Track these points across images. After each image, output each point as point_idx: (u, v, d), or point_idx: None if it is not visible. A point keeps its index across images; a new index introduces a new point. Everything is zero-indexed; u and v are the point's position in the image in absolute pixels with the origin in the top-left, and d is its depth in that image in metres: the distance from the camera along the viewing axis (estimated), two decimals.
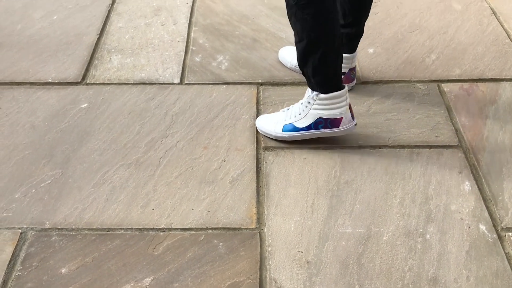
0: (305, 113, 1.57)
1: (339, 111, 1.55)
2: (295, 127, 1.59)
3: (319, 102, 1.55)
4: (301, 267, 1.32)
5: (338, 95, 1.54)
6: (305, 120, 1.57)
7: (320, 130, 1.58)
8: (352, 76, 1.79)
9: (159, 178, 1.55)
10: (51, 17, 2.22)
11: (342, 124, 1.57)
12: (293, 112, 1.61)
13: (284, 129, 1.61)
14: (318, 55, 1.48)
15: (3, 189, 1.52)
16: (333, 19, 1.48)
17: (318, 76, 1.52)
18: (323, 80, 1.53)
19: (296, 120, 1.59)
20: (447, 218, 1.42)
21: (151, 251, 1.36)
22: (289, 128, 1.60)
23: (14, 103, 1.81)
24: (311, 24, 1.45)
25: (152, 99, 1.81)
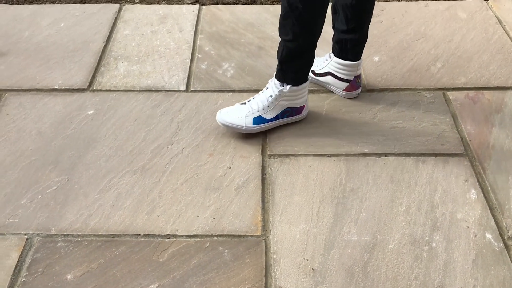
0: (274, 105, 1.66)
1: (304, 99, 1.70)
2: (264, 119, 1.67)
3: (288, 94, 1.65)
4: (307, 275, 1.32)
5: (305, 85, 1.66)
6: (273, 111, 1.67)
7: (286, 119, 1.71)
8: (358, 83, 1.80)
9: (164, 184, 1.55)
10: (58, 25, 2.23)
11: (304, 110, 1.72)
12: (259, 105, 1.67)
13: (254, 122, 1.66)
14: (307, 55, 1.60)
15: (10, 195, 1.52)
16: (323, 21, 1.56)
17: (300, 73, 1.63)
18: (301, 76, 1.64)
19: (265, 112, 1.67)
20: (453, 227, 1.42)
21: (156, 257, 1.36)
22: (259, 120, 1.67)
23: (21, 109, 1.82)
24: (311, 27, 1.52)
25: (158, 106, 1.82)
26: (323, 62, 1.82)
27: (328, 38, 1.81)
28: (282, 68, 1.62)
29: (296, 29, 1.51)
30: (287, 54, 1.58)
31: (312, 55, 1.62)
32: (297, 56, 1.58)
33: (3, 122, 1.76)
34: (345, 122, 1.73)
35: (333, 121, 1.74)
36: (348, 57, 1.74)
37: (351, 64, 1.74)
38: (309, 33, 1.54)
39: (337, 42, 1.75)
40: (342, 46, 1.73)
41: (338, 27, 1.72)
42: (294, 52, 1.57)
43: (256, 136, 1.69)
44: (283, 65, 1.61)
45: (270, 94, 1.66)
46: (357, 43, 1.73)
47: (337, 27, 1.73)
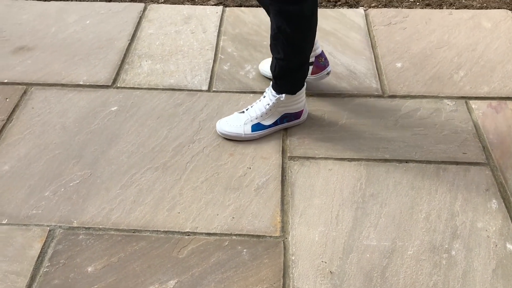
0: (271, 112, 1.68)
1: (302, 104, 1.71)
2: (263, 126, 1.70)
3: (285, 102, 1.66)
4: (325, 278, 1.32)
5: (301, 91, 1.67)
6: (272, 118, 1.69)
7: (285, 124, 1.72)
8: (322, 63, 1.80)
9: (185, 182, 1.56)
10: (84, 22, 2.27)
11: (302, 115, 1.73)
12: (257, 112, 1.69)
13: (253, 129, 1.69)
14: (301, 70, 1.62)
15: (34, 187, 1.55)
16: (313, 39, 1.60)
17: (295, 85, 1.64)
18: (297, 86, 1.65)
19: (263, 119, 1.69)
20: (473, 235, 1.41)
21: (176, 254, 1.37)
22: (257, 127, 1.69)
23: (46, 104, 1.85)
24: (302, 47, 1.56)
25: (180, 105, 1.84)
26: None
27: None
28: (277, 83, 1.64)
29: (287, 49, 1.53)
30: (280, 71, 1.59)
31: (306, 68, 1.63)
32: (291, 72, 1.60)
33: (29, 116, 1.80)
34: (366, 127, 1.73)
35: (354, 126, 1.74)
36: None
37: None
38: (299, 52, 1.56)
39: None
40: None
41: None
42: (287, 69, 1.59)
43: (277, 138, 1.70)
44: (278, 80, 1.63)
45: (267, 102, 1.68)
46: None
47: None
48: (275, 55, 1.58)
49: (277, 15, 1.47)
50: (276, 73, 1.61)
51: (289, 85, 1.64)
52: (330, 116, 1.78)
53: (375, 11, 2.32)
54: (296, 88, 1.65)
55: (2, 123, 1.77)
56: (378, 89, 1.89)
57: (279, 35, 1.50)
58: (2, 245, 1.39)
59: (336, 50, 2.08)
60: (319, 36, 2.14)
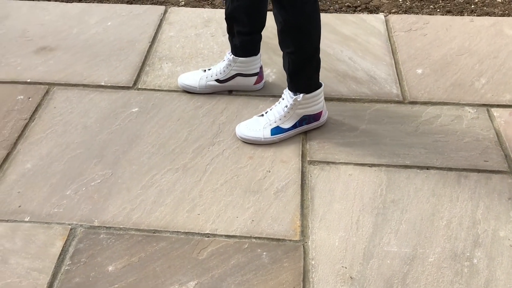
0: (290, 115, 1.68)
1: (320, 105, 1.70)
2: (282, 129, 1.69)
3: (303, 102, 1.66)
4: (345, 283, 1.31)
5: (319, 91, 1.67)
6: (290, 120, 1.69)
7: (305, 126, 1.72)
8: (262, 72, 1.90)
9: (205, 184, 1.57)
10: (106, 23, 2.29)
11: (322, 116, 1.72)
12: (276, 115, 1.70)
13: (272, 133, 1.69)
14: (314, 61, 1.62)
15: (55, 185, 1.57)
16: (320, 27, 1.61)
17: (311, 80, 1.65)
18: (313, 83, 1.66)
19: (282, 122, 1.69)
20: (495, 244, 1.40)
21: (196, 255, 1.38)
22: (277, 131, 1.69)
23: (68, 104, 1.87)
24: (311, 37, 1.57)
25: (200, 107, 1.85)
26: (226, 68, 1.84)
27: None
28: (292, 80, 1.65)
29: (296, 41, 1.55)
30: (293, 65, 1.60)
31: (318, 59, 1.64)
32: (304, 65, 1.61)
33: (51, 115, 1.82)
34: (387, 133, 1.73)
35: (374, 131, 1.73)
36: (253, 52, 1.81)
37: (254, 58, 1.82)
38: (309, 42, 1.57)
39: (241, 44, 1.79)
40: (247, 46, 1.80)
41: (239, 30, 1.76)
42: (300, 62, 1.60)
43: (296, 142, 1.70)
44: (293, 76, 1.64)
45: (285, 104, 1.68)
46: (260, 39, 1.82)
47: (238, 30, 1.76)
48: (286, 50, 1.59)
49: (281, 9, 1.49)
50: (290, 69, 1.62)
51: (304, 81, 1.64)
52: (350, 121, 1.77)
53: (395, 17, 2.32)
54: (312, 86, 1.66)
55: (24, 122, 1.79)
56: (399, 95, 1.88)
57: (286, 28, 1.52)
58: (25, 242, 1.40)
59: (356, 55, 2.08)
60: (339, 41, 2.15)
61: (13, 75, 2.00)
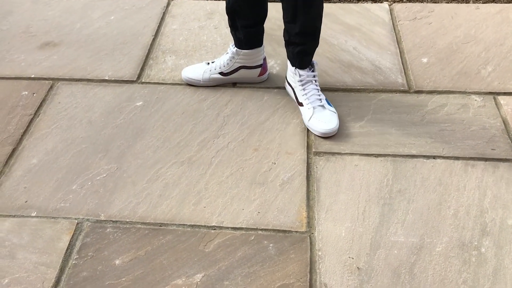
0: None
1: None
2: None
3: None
4: (352, 273, 1.31)
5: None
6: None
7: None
8: (265, 64, 1.90)
9: (210, 177, 1.57)
10: (109, 17, 2.29)
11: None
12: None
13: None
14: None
15: (61, 180, 1.57)
16: None
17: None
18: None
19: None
20: (503, 233, 1.39)
21: (202, 247, 1.38)
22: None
23: (72, 99, 1.87)
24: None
25: (204, 100, 1.84)
26: (230, 61, 1.84)
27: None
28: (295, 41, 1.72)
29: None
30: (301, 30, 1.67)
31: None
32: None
33: (56, 110, 1.82)
34: (393, 123, 1.71)
35: (380, 121, 1.72)
36: (257, 44, 1.81)
37: (261, 49, 1.82)
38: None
39: (246, 37, 1.77)
40: (252, 39, 1.78)
41: (243, 24, 1.74)
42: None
43: (301, 133, 1.70)
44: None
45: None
46: (263, 30, 1.81)
47: (241, 24, 1.74)
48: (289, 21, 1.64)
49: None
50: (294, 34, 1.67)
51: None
52: (355, 111, 1.76)
53: (399, 5, 2.29)
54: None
55: (29, 117, 1.79)
56: (404, 84, 1.87)
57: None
58: (32, 237, 1.41)
59: (360, 45, 2.06)
60: (343, 31, 2.13)
61: (17, 71, 2.00)
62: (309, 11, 1.59)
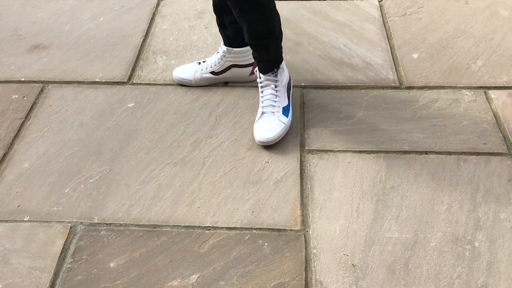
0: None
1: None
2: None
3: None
4: (347, 271, 1.31)
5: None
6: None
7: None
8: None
9: (204, 177, 1.56)
10: (98, 19, 2.27)
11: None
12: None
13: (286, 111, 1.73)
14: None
15: (54, 184, 1.56)
16: None
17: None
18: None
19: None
20: (496, 226, 1.40)
21: (197, 248, 1.38)
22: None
23: (63, 101, 1.86)
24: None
25: (196, 100, 1.84)
26: (221, 60, 1.82)
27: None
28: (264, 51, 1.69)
29: (275, 20, 1.63)
30: (275, 44, 1.66)
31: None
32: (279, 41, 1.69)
33: (47, 113, 1.81)
34: (385, 119, 1.72)
35: (372, 118, 1.73)
36: (242, 44, 1.78)
37: (247, 49, 1.79)
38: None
39: (235, 34, 1.74)
40: (241, 35, 1.67)
41: (231, 20, 1.70)
42: (278, 38, 1.67)
43: (294, 132, 1.70)
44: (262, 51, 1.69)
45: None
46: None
47: (229, 21, 1.71)
48: (260, 35, 1.59)
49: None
50: (260, 47, 1.64)
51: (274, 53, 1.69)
52: (347, 108, 1.77)
53: (389, 2, 2.30)
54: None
55: (20, 121, 1.78)
56: (395, 80, 1.88)
57: (266, 11, 1.54)
58: (25, 242, 1.40)
59: (351, 42, 2.06)
60: (334, 28, 2.13)
61: (7, 74, 1.98)
62: (249, 18, 1.56)
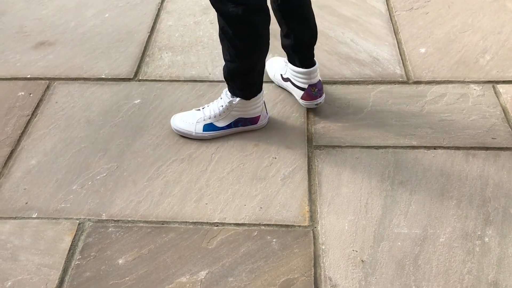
0: (225, 114, 1.62)
1: (258, 110, 1.63)
2: (216, 127, 1.64)
3: (239, 106, 1.60)
4: (356, 266, 1.31)
5: (256, 98, 1.59)
6: (225, 120, 1.63)
7: (240, 128, 1.66)
8: (314, 93, 1.67)
9: (211, 173, 1.56)
10: (103, 15, 2.27)
11: (260, 120, 1.65)
12: (211, 112, 1.63)
13: (205, 129, 1.64)
14: (250, 76, 1.54)
15: (61, 181, 1.56)
16: (260, 49, 1.49)
17: (246, 91, 1.58)
18: (249, 92, 1.58)
19: (216, 121, 1.63)
20: (506, 221, 1.39)
21: (206, 245, 1.37)
22: (209, 128, 1.64)
23: (70, 98, 1.86)
24: (246, 52, 1.47)
25: (202, 96, 1.83)
26: (285, 66, 1.75)
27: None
28: (228, 84, 1.59)
29: (232, 51, 1.46)
30: (228, 73, 1.53)
31: (255, 76, 1.55)
32: (238, 76, 1.53)
33: (53, 110, 1.81)
34: (392, 114, 1.71)
35: (379, 113, 1.72)
36: (296, 63, 1.66)
37: (301, 71, 1.65)
38: (245, 57, 1.48)
39: (283, 47, 1.68)
40: (287, 51, 1.67)
41: (281, 32, 1.65)
42: (235, 72, 1.52)
43: (301, 127, 1.69)
44: (228, 82, 1.58)
45: (221, 104, 1.61)
46: (294, 49, 1.63)
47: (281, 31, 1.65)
48: (223, 56, 1.51)
49: (218, 16, 1.42)
50: (225, 74, 1.55)
51: (239, 89, 1.57)
52: (354, 103, 1.76)
53: None
54: (250, 94, 1.57)
55: (27, 118, 1.78)
56: (403, 75, 1.86)
57: (223, 35, 1.44)
58: (34, 239, 1.40)
59: (358, 37, 2.05)
60: (340, 23, 2.12)
61: (13, 71, 1.98)
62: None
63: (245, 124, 1.65)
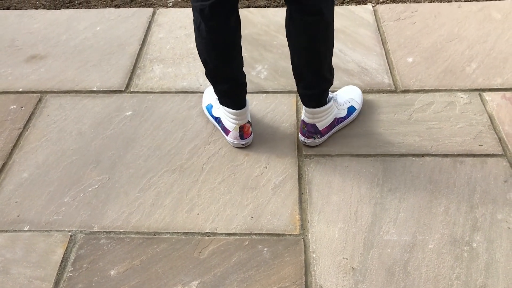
0: (217, 107, 1.71)
1: (229, 125, 1.65)
2: (211, 113, 1.75)
3: (219, 107, 1.69)
4: (347, 274, 1.32)
5: (228, 111, 1.62)
6: (217, 111, 1.71)
7: (219, 127, 1.73)
8: (303, 130, 1.63)
9: (202, 184, 1.57)
10: (95, 28, 2.29)
11: (229, 136, 1.67)
12: (211, 97, 1.77)
13: (207, 107, 1.77)
14: (213, 83, 1.61)
15: (53, 193, 1.56)
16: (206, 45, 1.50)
17: (221, 98, 1.65)
18: (219, 98, 1.65)
19: (215, 108, 1.73)
20: (493, 227, 1.41)
21: (197, 255, 1.38)
22: (209, 109, 1.76)
23: (61, 111, 1.87)
24: (205, 61, 1.54)
25: (194, 107, 1.85)
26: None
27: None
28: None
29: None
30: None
31: (217, 85, 1.59)
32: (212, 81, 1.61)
33: (45, 123, 1.82)
34: (381, 123, 1.73)
35: (368, 122, 1.74)
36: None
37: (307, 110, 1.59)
38: (205, 66, 1.55)
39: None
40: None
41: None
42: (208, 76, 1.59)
43: (291, 137, 1.71)
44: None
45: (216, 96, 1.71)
46: (301, 91, 1.58)
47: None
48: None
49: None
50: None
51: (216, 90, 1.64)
52: None
53: (383, 7, 2.32)
54: (220, 101, 1.65)
55: (19, 131, 1.78)
56: (391, 84, 1.89)
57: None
58: (25, 251, 1.40)
59: (346, 47, 2.08)
60: None
61: (5, 85, 1.99)
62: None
63: (222, 127, 1.70)
